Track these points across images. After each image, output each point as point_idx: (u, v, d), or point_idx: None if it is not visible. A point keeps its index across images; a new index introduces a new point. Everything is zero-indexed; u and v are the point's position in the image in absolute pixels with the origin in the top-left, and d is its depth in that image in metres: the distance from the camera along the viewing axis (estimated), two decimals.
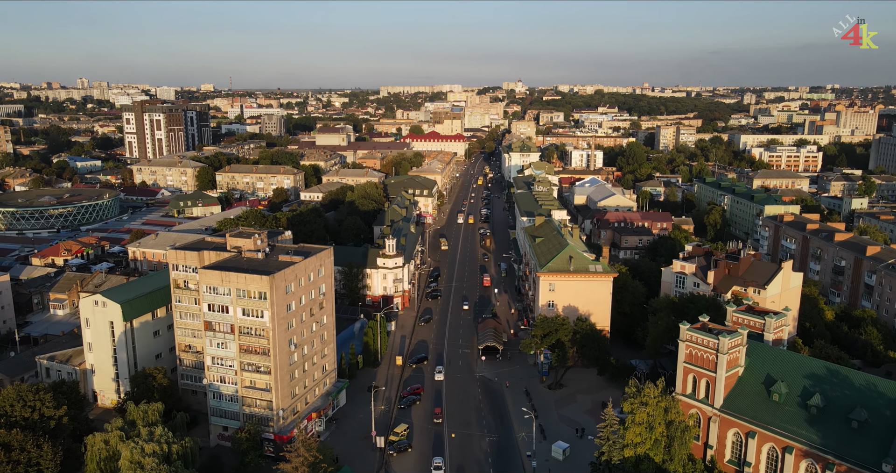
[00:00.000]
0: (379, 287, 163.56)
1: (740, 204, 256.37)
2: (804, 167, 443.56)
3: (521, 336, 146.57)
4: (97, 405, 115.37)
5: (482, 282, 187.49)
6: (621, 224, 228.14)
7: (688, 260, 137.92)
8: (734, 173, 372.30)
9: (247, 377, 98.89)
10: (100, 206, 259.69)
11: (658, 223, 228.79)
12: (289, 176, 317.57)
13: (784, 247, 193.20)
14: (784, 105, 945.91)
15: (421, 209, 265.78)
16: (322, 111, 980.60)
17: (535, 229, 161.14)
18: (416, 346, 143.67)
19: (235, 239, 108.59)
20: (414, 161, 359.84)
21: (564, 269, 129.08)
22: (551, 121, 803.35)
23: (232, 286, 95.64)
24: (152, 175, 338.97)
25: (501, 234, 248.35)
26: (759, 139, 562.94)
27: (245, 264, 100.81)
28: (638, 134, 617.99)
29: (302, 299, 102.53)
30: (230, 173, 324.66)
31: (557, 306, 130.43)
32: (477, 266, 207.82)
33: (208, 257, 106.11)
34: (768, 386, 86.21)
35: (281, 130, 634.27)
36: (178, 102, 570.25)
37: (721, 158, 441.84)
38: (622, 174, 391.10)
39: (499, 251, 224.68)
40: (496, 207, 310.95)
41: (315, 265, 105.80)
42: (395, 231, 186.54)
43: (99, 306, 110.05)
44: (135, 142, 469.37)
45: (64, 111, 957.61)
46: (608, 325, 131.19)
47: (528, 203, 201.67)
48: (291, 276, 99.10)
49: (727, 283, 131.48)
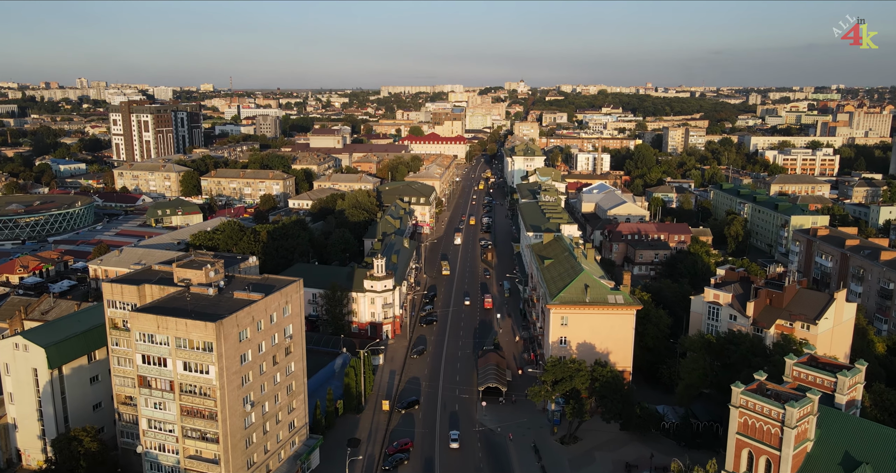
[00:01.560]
0: (366, 313, 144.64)
1: (762, 214, 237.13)
2: (820, 171, 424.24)
3: (527, 372, 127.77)
4: (21, 467, 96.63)
5: (483, 303, 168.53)
6: (635, 237, 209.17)
7: (721, 287, 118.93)
8: (749, 178, 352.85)
9: (190, 446, 80.00)
10: (71, 214, 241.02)
11: (675, 236, 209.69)
12: (278, 181, 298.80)
13: (818, 265, 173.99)
14: (792, 106, 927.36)
15: (417, 219, 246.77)
16: (321, 112, 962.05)
17: (542, 248, 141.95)
18: (406, 385, 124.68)
19: (184, 270, 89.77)
20: (412, 165, 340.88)
21: (579, 300, 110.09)
22: (554, 122, 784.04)
23: (170, 334, 76.80)
24: (134, 180, 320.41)
25: (504, 245, 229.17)
26: (769, 141, 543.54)
27: (191, 303, 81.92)
28: (644, 136, 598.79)
29: (261, 346, 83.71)
30: (216, 179, 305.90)
31: (570, 343, 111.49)
32: (477, 284, 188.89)
33: (150, 292, 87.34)
34: (849, 469, 67.28)
35: (276, 131, 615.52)
36: (167, 102, 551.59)
37: (734, 162, 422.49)
38: (630, 179, 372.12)
39: (501, 265, 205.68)
40: (498, 214, 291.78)
41: (279, 303, 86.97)
42: (386, 247, 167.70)
43: (20, 350, 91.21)
44: (122, 144, 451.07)
45: (58, 111, 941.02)
46: (630, 365, 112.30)
47: (534, 216, 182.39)
48: (247, 319, 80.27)
49: (769, 316, 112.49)
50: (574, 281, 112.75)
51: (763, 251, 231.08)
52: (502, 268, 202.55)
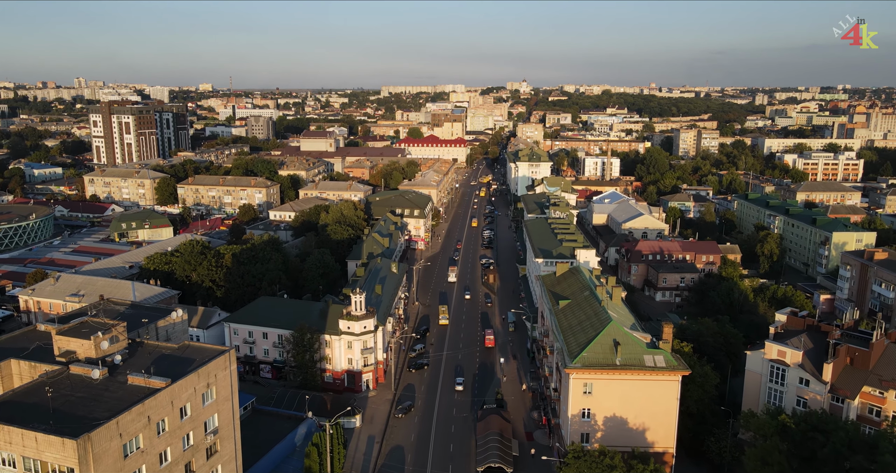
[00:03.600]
0: (342, 360, 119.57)
1: (797, 229, 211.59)
2: (843, 176, 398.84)
3: (537, 440, 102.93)
4: None
5: (483, 340, 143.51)
6: (657, 257, 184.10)
7: (786, 340, 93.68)
8: (772, 185, 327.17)
9: None
10: (24, 228, 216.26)
11: (703, 256, 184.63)
12: (260, 189, 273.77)
13: (876, 294, 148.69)
14: (802, 106, 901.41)
15: (411, 233, 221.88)
16: (318, 112, 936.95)
17: (555, 282, 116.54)
18: (387, 460, 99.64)
19: (67, 340, 64.78)
20: (407, 171, 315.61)
21: (607, 362, 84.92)
22: (558, 123, 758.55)
23: (16, 453, 51.88)
24: (106, 187, 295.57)
25: (508, 265, 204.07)
26: (784, 143, 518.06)
27: (60, 397, 56.95)
28: (653, 138, 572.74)
29: (165, 455, 58.77)
30: (193, 186, 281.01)
31: (596, 417, 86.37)
32: (477, 312, 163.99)
33: (18, 372, 62.49)
34: None
35: (269, 133, 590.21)
36: (153, 102, 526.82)
37: (752, 167, 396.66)
38: (642, 185, 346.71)
39: (504, 289, 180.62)
40: (501, 226, 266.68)
41: (196, 388, 61.98)
42: (370, 274, 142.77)
43: None
44: (103, 147, 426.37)
45: (50, 111, 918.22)
46: (673, 444, 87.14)
47: (543, 236, 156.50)
48: (138, 423, 55.26)
49: (853, 381, 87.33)
50: (599, 336, 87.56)
51: (799, 272, 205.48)
52: (505, 292, 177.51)
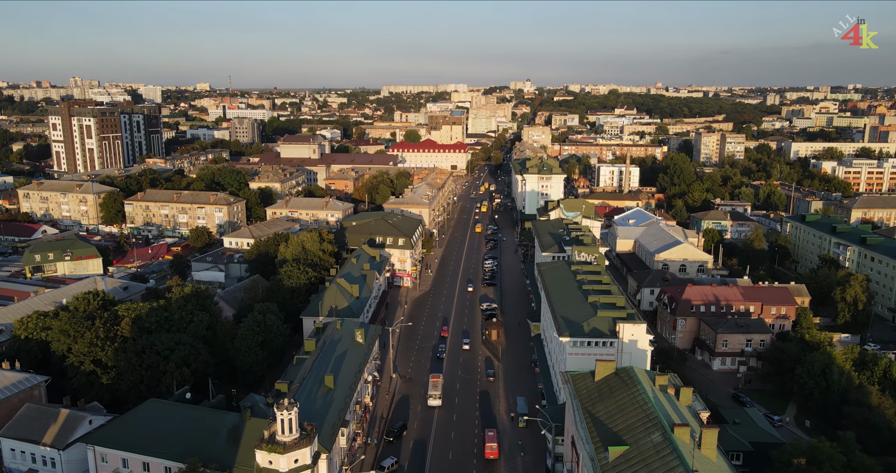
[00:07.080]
0: None
1: (879, 264, 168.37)
2: (889, 187, 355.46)
3: None
4: None
5: (484, 447, 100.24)
6: (710, 308, 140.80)
7: None
8: (818, 199, 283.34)
9: None
10: None
11: (772, 308, 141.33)
12: (221, 207, 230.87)
13: None
14: (821, 107, 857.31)
15: (395, 267, 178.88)
16: (314, 113, 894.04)
17: (596, 396, 72.75)
18: None
19: None
20: (397, 184, 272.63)
21: None
22: (565, 124, 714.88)
23: None
24: (43, 203, 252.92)
25: (515, 310, 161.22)
26: (812, 147, 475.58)
27: None
28: (670, 142, 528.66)
29: None
30: (143, 203, 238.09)
31: None
32: (476, 389, 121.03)
33: None
34: None
35: (254, 136, 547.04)
36: (119, 104, 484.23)
37: (787, 176, 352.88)
38: (665, 198, 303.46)
39: (511, 352, 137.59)
40: (506, 252, 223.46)
41: None
42: (323, 349, 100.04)
43: None
44: (63, 152, 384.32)
45: (35, 112, 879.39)
46: None
47: (566, 295, 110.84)
48: None
49: None
50: None
51: (886, 320, 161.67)
52: (512, 356, 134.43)
